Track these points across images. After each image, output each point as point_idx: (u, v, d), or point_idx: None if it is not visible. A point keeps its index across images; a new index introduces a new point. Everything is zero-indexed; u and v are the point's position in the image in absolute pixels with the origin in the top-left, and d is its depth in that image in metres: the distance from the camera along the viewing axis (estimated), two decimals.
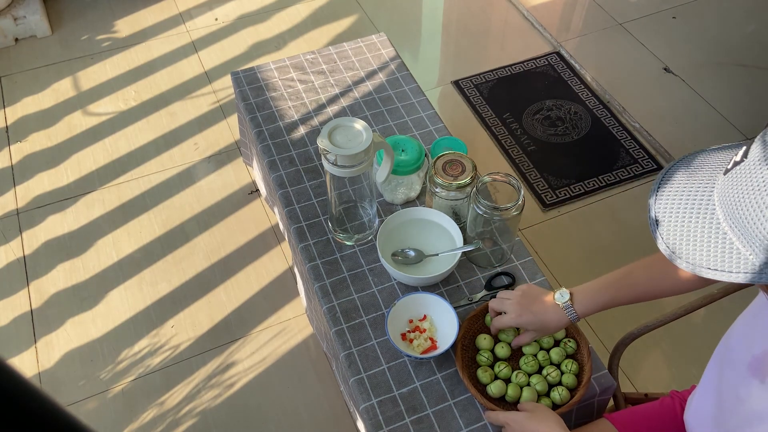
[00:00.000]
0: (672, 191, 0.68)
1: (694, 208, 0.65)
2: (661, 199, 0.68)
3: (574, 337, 1.19)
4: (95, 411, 1.65)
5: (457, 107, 2.42)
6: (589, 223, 2.06)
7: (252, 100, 1.66)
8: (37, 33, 2.62)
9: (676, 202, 0.67)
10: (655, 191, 0.69)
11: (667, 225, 0.66)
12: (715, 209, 0.63)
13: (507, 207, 1.18)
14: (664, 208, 0.67)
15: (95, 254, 1.96)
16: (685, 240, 0.64)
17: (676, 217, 0.66)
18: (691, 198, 0.65)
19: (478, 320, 1.20)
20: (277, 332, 1.79)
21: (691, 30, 2.72)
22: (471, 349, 1.18)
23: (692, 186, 0.66)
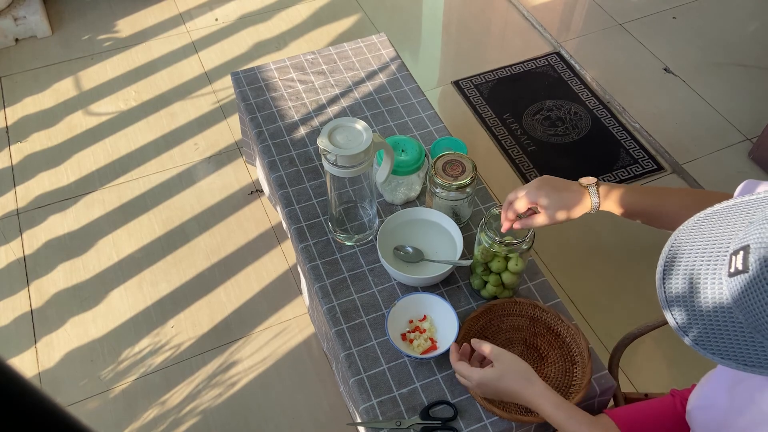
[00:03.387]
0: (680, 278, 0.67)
1: (710, 307, 0.64)
2: (670, 282, 0.67)
3: (574, 337, 1.18)
4: (96, 411, 1.65)
5: (457, 107, 2.42)
6: (589, 223, 2.06)
7: (252, 101, 1.66)
8: (38, 33, 2.62)
9: (687, 290, 0.66)
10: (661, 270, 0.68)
11: (678, 310, 0.66)
12: (732, 311, 0.63)
13: (517, 242, 1.12)
14: (675, 291, 0.67)
15: (95, 254, 1.96)
16: (700, 325, 0.65)
17: (687, 304, 0.66)
18: (703, 294, 0.65)
19: (478, 321, 1.21)
20: (278, 332, 1.80)
21: (691, 30, 2.72)
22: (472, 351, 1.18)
23: (699, 274, 0.66)
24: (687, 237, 0.69)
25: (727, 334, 0.63)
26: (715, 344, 0.64)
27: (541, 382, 1.01)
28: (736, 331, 0.63)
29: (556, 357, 1.19)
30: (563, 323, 1.20)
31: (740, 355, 0.63)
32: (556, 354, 1.19)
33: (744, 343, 0.62)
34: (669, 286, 0.68)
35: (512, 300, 1.23)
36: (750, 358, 0.62)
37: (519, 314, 1.23)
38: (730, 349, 0.64)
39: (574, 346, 1.18)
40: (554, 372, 1.17)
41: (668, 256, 0.69)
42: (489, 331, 1.21)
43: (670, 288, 0.68)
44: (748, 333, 0.62)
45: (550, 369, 1.17)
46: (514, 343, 1.21)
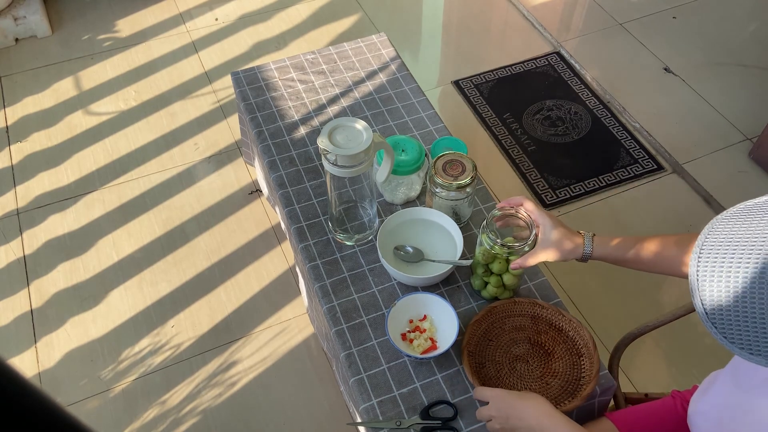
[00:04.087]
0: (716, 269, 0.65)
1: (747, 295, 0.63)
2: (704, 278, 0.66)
3: (577, 330, 1.18)
4: (96, 411, 1.65)
5: (457, 107, 2.42)
6: (589, 223, 2.06)
7: (252, 100, 1.66)
8: (38, 33, 2.62)
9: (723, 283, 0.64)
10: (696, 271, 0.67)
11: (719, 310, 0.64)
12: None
13: (519, 244, 1.12)
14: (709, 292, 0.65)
15: (95, 254, 1.96)
16: (742, 328, 0.63)
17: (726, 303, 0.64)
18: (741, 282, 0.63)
19: (480, 325, 1.20)
20: (278, 332, 1.80)
21: (691, 30, 2.72)
22: (477, 355, 1.18)
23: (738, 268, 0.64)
24: (726, 226, 0.68)
25: (762, 328, 0.62)
26: (746, 338, 0.63)
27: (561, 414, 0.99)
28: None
29: (562, 352, 1.19)
30: (565, 318, 1.20)
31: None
32: (562, 349, 1.19)
33: None
34: (703, 275, 0.66)
35: (512, 301, 1.23)
36: None
37: (520, 314, 1.23)
38: (762, 343, 0.62)
39: (578, 338, 1.19)
40: (562, 366, 1.17)
41: (705, 244, 0.68)
42: (492, 333, 1.21)
43: (704, 277, 0.66)
44: None
45: (558, 364, 1.18)
46: (519, 342, 1.21)
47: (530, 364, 1.18)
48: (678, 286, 1.91)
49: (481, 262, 1.19)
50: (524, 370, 1.17)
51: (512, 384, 1.16)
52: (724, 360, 0.95)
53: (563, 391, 1.14)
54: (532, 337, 1.21)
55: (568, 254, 1.08)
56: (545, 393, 1.14)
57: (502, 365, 1.18)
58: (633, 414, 1.14)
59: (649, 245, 1.04)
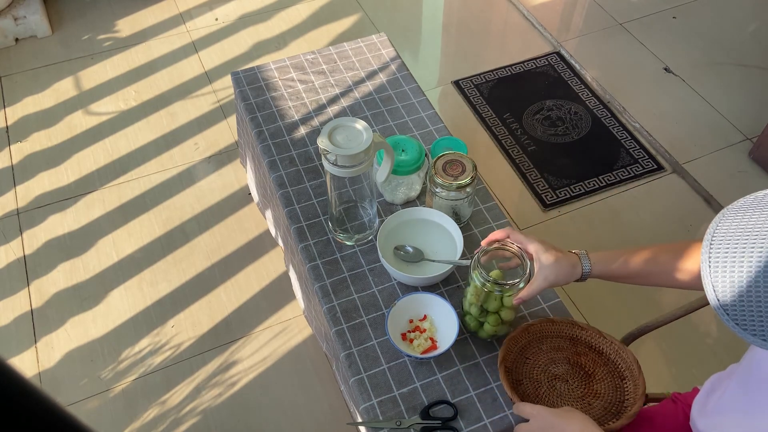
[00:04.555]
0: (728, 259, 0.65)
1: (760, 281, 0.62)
2: (717, 266, 0.65)
3: (619, 353, 1.14)
4: (96, 411, 1.65)
5: (457, 107, 2.42)
6: (589, 223, 2.06)
7: (252, 100, 1.66)
8: (38, 33, 2.62)
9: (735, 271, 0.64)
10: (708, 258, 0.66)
11: (731, 296, 0.64)
12: None
13: (513, 282, 1.07)
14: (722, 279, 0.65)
15: (95, 254, 1.96)
16: (756, 314, 0.62)
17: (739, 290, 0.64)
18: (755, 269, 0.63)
19: (517, 342, 1.16)
20: (278, 332, 1.80)
21: (691, 30, 2.72)
22: (514, 371, 1.14)
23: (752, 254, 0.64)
24: (737, 215, 0.68)
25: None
26: (759, 325, 0.62)
27: None
28: None
29: (604, 374, 1.14)
30: (605, 340, 1.15)
31: None
32: (603, 371, 1.14)
33: None
34: (715, 262, 0.66)
35: (549, 320, 1.18)
36: None
37: (558, 335, 1.18)
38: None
39: (620, 362, 1.13)
40: (604, 388, 1.12)
41: (716, 232, 0.67)
42: (529, 351, 1.16)
43: (716, 265, 0.66)
44: None
45: (600, 385, 1.12)
46: (557, 363, 1.16)
47: (570, 384, 1.13)
48: None
49: (475, 303, 1.13)
50: (564, 389, 1.12)
51: (552, 402, 1.11)
52: (724, 360, 0.95)
53: (606, 411, 1.09)
54: (571, 358, 1.16)
55: (567, 276, 1.05)
56: (587, 413, 1.09)
57: (541, 383, 1.13)
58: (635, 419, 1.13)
59: (647, 258, 1.02)
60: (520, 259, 1.08)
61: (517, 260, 1.10)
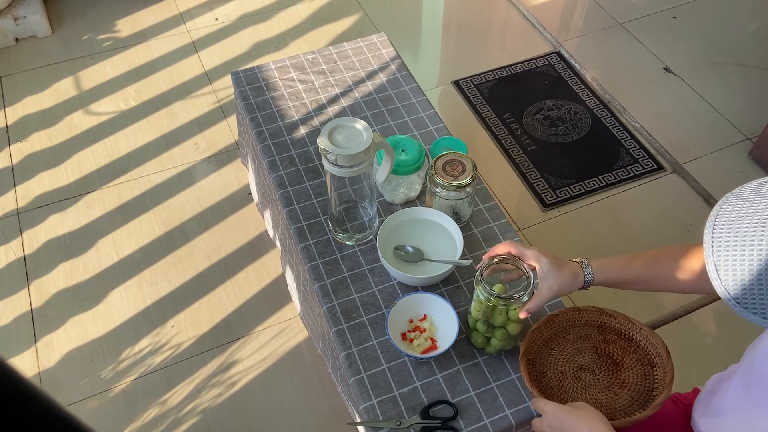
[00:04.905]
0: (730, 239, 0.65)
1: (762, 259, 0.63)
2: (719, 247, 0.66)
3: (649, 339, 1.13)
4: (96, 411, 1.65)
5: (457, 107, 2.42)
6: (589, 223, 2.06)
7: (252, 100, 1.66)
8: (38, 33, 2.62)
9: (737, 250, 0.65)
10: (711, 239, 0.67)
11: (732, 275, 0.64)
12: None
13: (518, 295, 1.06)
14: (725, 257, 0.65)
15: (95, 254, 1.96)
16: (757, 292, 0.63)
17: (741, 269, 0.64)
18: (756, 248, 0.63)
19: (541, 333, 1.15)
20: (278, 332, 1.80)
21: (691, 30, 2.72)
22: (538, 363, 1.13)
23: (754, 234, 0.64)
24: (739, 199, 0.68)
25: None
26: (759, 304, 0.62)
27: None
28: None
29: (633, 362, 1.12)
30: (635, 326, 1.13)
31: None
32: (632, 359, 1.12)
33: None
34: (718, 243, 0.66)
35: (575, 309, 1.16)
36: None
37: (585, 324, 1.16)
38: None
39: (650, 348, 1.12)
40: (632, 377, 1.11)
41: (719, 216, 0.68)
42: (555, 342, 1.15)
43: (719, 246, 0.66)
44: None
45: (628, 374, 1.11)
46: (584, 352, 1.14)
47: (596, 374, 1.11)
48: None
49: (480, 319, 1.12)
50: (590, 379, 1.11)
51: (576, 393, 1.10)
52: (724, 360, 0.95)
53: (633, 401, 1.08)
54: (598, 346, 1.14)
55: (570, 285, 1.05)
56: (613, 403, 1.08)
57: (565, 374, 1.12)
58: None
59: (648, 263, 1.02)
60: (522, 271, 1.08)
61: (518, 272, 1.10)
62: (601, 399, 1.08)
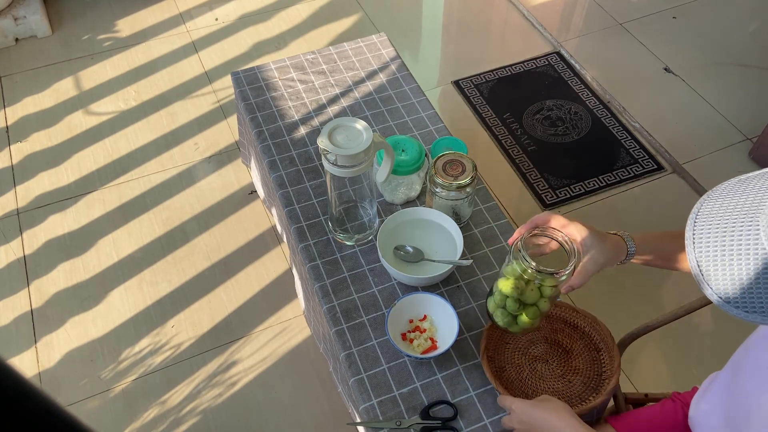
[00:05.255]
0: (711, 235, 0.66)
1: (742, 252, 0.63)
2: (700, 243, 0.66)
3: (593, 325, 1.17)
4: (96, 411, 1.65)
5: (457, 107, 2.42)
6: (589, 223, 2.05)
7: (252, 100, 1.66)
8: (38, 33, 2.62)
9: (718, 245, 0.65)
10: (692, 236, 0.67)
11: (714, 270, 0.65)
12: (766, 250, 0.61)
13: (562, 271, 0.98)
14: (706, 253, 0.65)
15: (95, 254, 1.96)
16: (738, 286, 0.63)
17: (722, 264, 0.64)
18: (735, 242, 0.64)
19: (496, 329, 1.15)
20: (278, 332, 1.80)
21: (691, 30, 2.72)
22: (497, 359, 1.17)
23: (733, 228, 0.64)
24: (717, 199, 0.68)
25: (756, 281, 0.61)
26: (740, 297, 0.63)
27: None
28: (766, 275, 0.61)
29: (581, 348, 1.18)
30: (579, 314, 1.19)
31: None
32: (580, 345, 1.18)
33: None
34: (699, 238, 0.66)
35: None
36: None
37: None
38: (756, 300, 0.62)
39: (594, 334, 1.18)
40: (582, 363, 1.16)
41: (700, 212, 0.68)
42: (509, 336, 1.19)
43: (699, 240, 0.66)
44: None
45: (578, 361, 1.17)
46: (536, 342, 1.19)
47: (550, 363, 1.17)
48: (678, 286, 1.91)
49: (512, 296, 1.03)
50: (545, 370, 1.16)
51: (534, 385, 1.14)
52: (724, 360, 0.95)
53: (586, 387, 1.14)
54: (549, 336, 1.20)
55: (614, 258, 1.01)
56: (568, 391, 1.13)
57: (523, 367, 1.16)
58: (634, 418, 1.13)
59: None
60: (567, 244, 1.01)
61: (550, 246, 1.05)
62: (558, 387, 1.14)
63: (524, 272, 1.00)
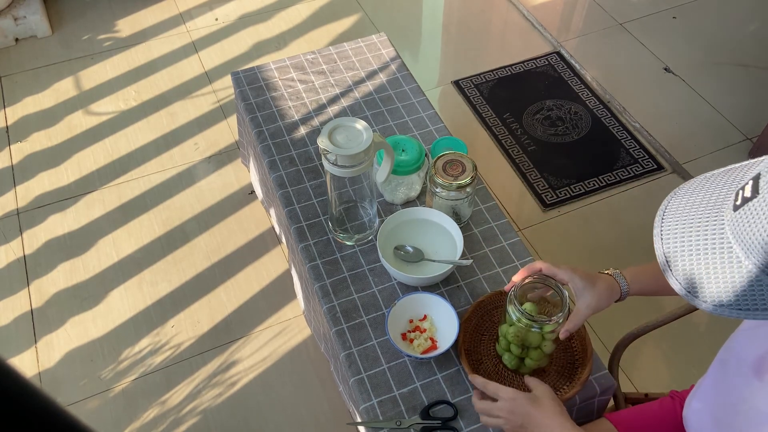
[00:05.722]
0: (678, 230, 0.66)
1: (708, 247, 0.63)
2: (668, 238, 0.67)
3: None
4: (96, 411, 1.65)
5: (458, 107, 2.42)
6: (589, 223, 2.06)
7: (252, 100, 1.66)
8: (38, 33, 2.62)
9: (685, 240, 0.65)
10: (660, 232, 0.68)
11: (681, 265, 0.65)
12: (732, 248, 0.61)
13: (553, 318, 1.02)
14: (674, 248, 0.66)
15: (95, 254, 1.96)
16: (705, 280, 0.63)
17: (689, 258, 0.64)
18: (702, 237, 0.64)
19: (471, 322, 1.20)
20: (278, 332, 1.80)
21: (691, 30, 2.72)
22: (474, 352, 1.18)
23: (699, 224, 0.65)
24: (684, 196, 0.69)
25: (725, 278, 0.61)
26: (711, 295, 0.63)
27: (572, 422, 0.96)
28: (734, 272, 0.60)
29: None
30: (550, 303, 1.18)
31: (742, 301, 0.60)
32: None
33: (742, 286, 0.60)
34: (667, 241, 0.67)
35: (498, 292, 1.22)
36: (747, 302, 0.60)
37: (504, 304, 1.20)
38: (725, 295, 0.61)
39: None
40: (555, 352, 1.16)
41: (667, 209, 0.69)
42: (483, 327, 1.21)
43: (668, 242, 0.67)
44: (747, 271, 0.59)
45: None
46: None
47: None
48: None
49: (516, 343, 1.08)
50: None
51: (511, 377, 1.15)
52: None
53: (560, 376, 1.14)
54: None
55: (608, 299, 1.03)
56: (544, 381, 1.11)
57: (499, 359, 1.17)
58: (632, 414, 1.14)
59: None
60: (555, 290, 1.05)
61: (546, 289, 1.09)
62: (533, 377, 1.12)
63: (519, 321, 1.04)
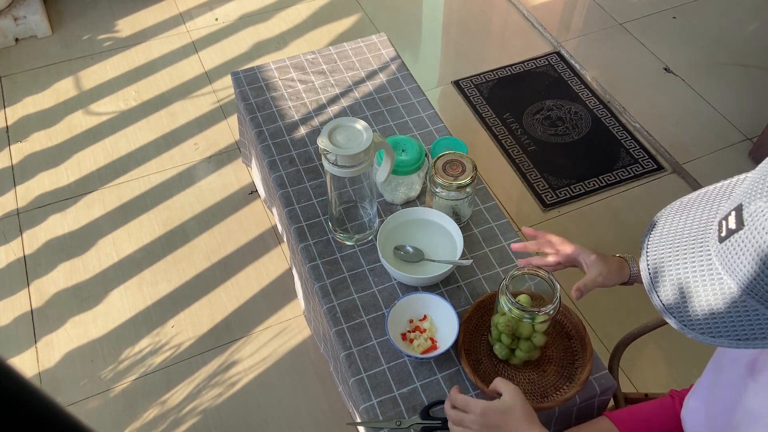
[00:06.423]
0: (663, 260, 0.66)
1: (698, 280, 0.62)
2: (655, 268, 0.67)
3: (565, 314, 1.19)
4: (96, 411, 1.65)
5: (457, 107, 2.42)
6: (589, 223, 2.06)
7: (252, 100, 1.66)
8: (38, 33, 2.62)
9: (673, 271, 0.65)
10: (645, 259, 0.68)
11: (673, 299, 0.64)
12: (722, 278, 0.60)
13: (543, 309, 1.03)
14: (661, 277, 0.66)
15: (96, 254, 1.96)
16: (699, 313, 0.62)
17: (680, 292, 0.64)
18: (690, 268, 0.64)
19: (471, 321, 1.20)
20: (278, 332, 1.80)
21: (691, 30, 2.72)
22: (473, 352, 1.18)
23: (685, 255, 0.65)
24: (666, 222, 0.69)
25: (717, 308, 0.61)
26: (705, 324, 0.62)
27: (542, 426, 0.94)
28: (727, 302, 0.60)
29: (553, 337, 1.19)
30: None
31: (732, 330, 0.60)
32: (552, 334, 1.19)
33: (737, 316, 0.59)
34: (653, 269, 0.67)
35: (496, 292, 1.21)
36: (743, 331, 0.59)
37: None
38: (721, 325, 0.61)
39: (566, 322, 1.20)
40: (555, 352, 1.17)
41: (650, 243, 0.69)
42: (483, 327, 1.21)
43: (654, 271, 0.67)
44: (741, 301, 0.59)
45: (551, 350, 1.18)
46: None
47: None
48: None
49: (506, 332, 1.10)
50: None
51: (510, 376, 1.15)
52: None
53: (560, 376, 1.15)
54: None
55: (617, 276, 1.05)
56: (543, 381, 1.14)
57: (498, 359, 1.17)
58: (632, 413, 1.14)
59: None
60: (548, 282, 1.06)
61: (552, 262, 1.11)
62: (533, 378, 1.15)
63: (510, 311, 1.05)
